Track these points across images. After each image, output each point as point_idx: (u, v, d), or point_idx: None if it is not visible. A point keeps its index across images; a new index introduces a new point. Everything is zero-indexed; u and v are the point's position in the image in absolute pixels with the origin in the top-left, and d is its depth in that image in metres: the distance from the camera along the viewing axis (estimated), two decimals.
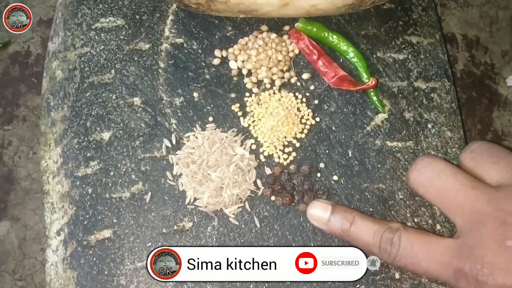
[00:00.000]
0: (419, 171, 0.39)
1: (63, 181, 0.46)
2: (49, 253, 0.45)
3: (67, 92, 0.48)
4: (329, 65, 0.50)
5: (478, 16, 0.64)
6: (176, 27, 0.51)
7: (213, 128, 0.48)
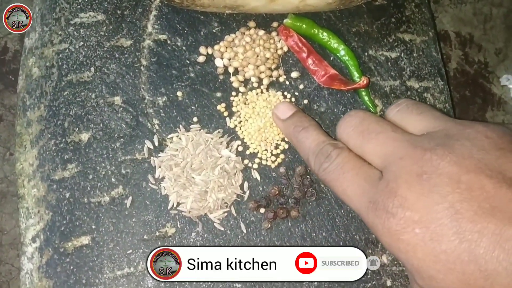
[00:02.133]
0: (345, 119, 0.39)
1: (39, 184, 0.44)
2: (24, 260, 0.43)
3: (44, 91, 0.46)
4: (319, 63, 0.48)
5: (472, 13, 0.62)
6: (160, 23, 0.48)
7: (197, 129, 0.46)
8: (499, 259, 0.27)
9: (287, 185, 0.46)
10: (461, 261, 0.28)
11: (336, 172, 0.37)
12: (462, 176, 0.29)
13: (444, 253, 0.28)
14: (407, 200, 0.30)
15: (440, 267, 0.29)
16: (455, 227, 0.28)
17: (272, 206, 0.45)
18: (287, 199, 0.45)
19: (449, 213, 0.28)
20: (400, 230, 0.30)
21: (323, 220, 0.45)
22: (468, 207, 0.28)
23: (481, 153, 0.30)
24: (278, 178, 0.46)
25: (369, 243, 0.45)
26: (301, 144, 0.41)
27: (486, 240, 0.27)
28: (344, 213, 0.45)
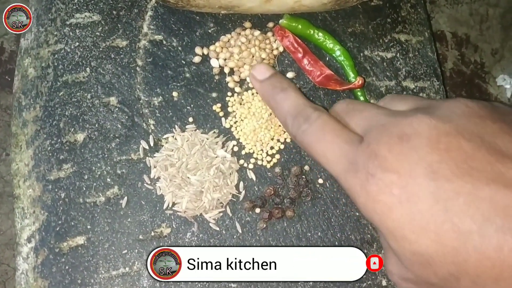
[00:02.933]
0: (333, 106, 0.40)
1: (34, 185, 0.44)
2: (19, 261, 0.43)
3: (40, 91, 0.46)
4: (315, 63, 0.48)
5: (468, 13, 0.62)
6: (155, 23, 0.48)
7: (193, 129, 0.46)
8: (474, 218, 0.27)
9: (283, 185, 0.46)
10: (435, 221, 0.28)
11: (316, 134, 0.36)
12: (441, 138, 0.29)
13: (419, 213, 0.28)
14: (387, 161, 0.30)
15: (414, 227, 0.29)
16: (431, 187, 0.28)
17: (268, 206, 0.45)
18: (283, 199, 0.45)
19: (426, 172, 0.29)
20: (377, 190, 0.30)
21: (318, 220, 0.45)
22: (446, 167, 0.28)
23: (461, 119, 0.31)
24: (274, 178, 0.46)
25: (365, 243, 0.45)
26: (279, 106, 0.41)
27: (462, 199, 0.27)
28: (339, 213, 0.45)
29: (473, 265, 0.27)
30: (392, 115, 0.33)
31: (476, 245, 0.27)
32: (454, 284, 0.29)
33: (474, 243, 0.27)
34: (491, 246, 0.26)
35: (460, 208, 0.27)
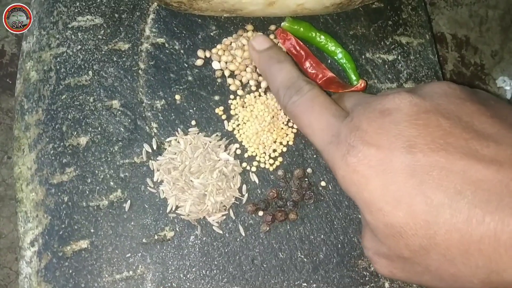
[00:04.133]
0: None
1: (37, 188, 0.44)
2: (22, 264, 0.43)
3: (42, 95, 0.46)
4: (317, 66, 0.48)
5: (468, 15, 0.62)
6: (157, 26, 0.48)
7: (195, 132, 0.46)
8: (446, 191, 0.28)
9: (286, 188, 0.46)
10: (409, 193, 0.29)
11: (305, 105, 0.37)
12: (420, 114, 0.30)
13: (395, 185, 0.29)
14: (367, 134, 0.31)
15: (388, 198, 0.29)
16: (408, 160, 0.29)
17: (271, 209, 0.45)
18: (286, 202, 0.45)
19: (404, 146, 0.30)
20: (356, 162, 0.31)
21: (321, 222, 0.45)
22: (423, 142, 0.29)
23: (441, 98, 0.32)
24: (277, 181, 0.46)
25: None
26: (273, 77, 0.42)
27: (435, 173, 0.28)
28: (342, 215, 0.45)
29: (442, 237, 0.28)
30: (378, 95, 0.35)
31: (446, 218, 0.27)
32: (424, 257, 0.29)
33: (445, 216, 0.28)
34: (461, 218, 0.27)
35: (433, 181, 0.28)
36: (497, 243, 0.26)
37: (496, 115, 0.31)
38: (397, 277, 0.34)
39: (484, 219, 0.26)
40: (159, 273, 0.43)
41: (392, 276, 0.34)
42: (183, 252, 0.43)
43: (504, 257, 0.26)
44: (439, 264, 0.29)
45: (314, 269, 0.44)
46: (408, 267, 0.32)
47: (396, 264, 0.32)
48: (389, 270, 0.33)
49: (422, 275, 0.31)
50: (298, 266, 0.44)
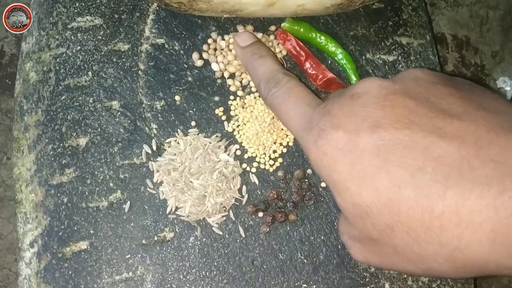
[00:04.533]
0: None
1: (36, 189, 0.44)
2: (22, 266, 0.43)
3: (42, 95, 0.46)
4: (317, 67, 0.48)
5: (468, 16, 0.62)
6: (157, 27, 0.48)
7: (195, 133, 0.46)
8: (408, 168, 0.28)
9: (286, 189, 0.46)
10: (373, 172, 0.29)
11: (283, 97, 0.38)
12: (388, 96, 0.31)
13: (360, 164, 0.29)
14: (337, 117, 0.32)
15: (354, 178, 0.30)
16: (373, 139, 0.29)
17: (271, 210, 0.45)
18: (286, 203, 0.45)
19: (370, 126, 0.30)
20: (325, 144, 0.31)
21: (321, 223, 0.45)
22: (388, 122, 0.30)
23: (412, 82, 0.32)
24: (276, 182, 0.46)
25: None
26: (255, 71, 0.43)
27: (398, 151, 0.28)
28: None
29: (406, 214, 0.28)
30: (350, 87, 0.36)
31: (409, 194, 0.27)
32: (390, 236, 0.29)
33: (407, 193, 0.28)
34: (422, 194, 0.27)
35: (396, 159, 0.28)
36: (458, 218, 0.26)
37: (467, 96, 0.31)
38: (371, 263, 0.33)
39: (445, 194, 0.26)
40: (158, 274, 0.43)
41: (367, 261, 0.34)
42: (183, 253, 0.43)
43: (465, 233, 0.26)
44: (404, 243, 0.29)
45: (314, 270, 0.44)
46: (378, 250, 0.32)
47: (368, 247, 0.32)
48: (363, 255, 0.33)
49: (391, 258, 0.31)
50: (298, 267, 0.44)
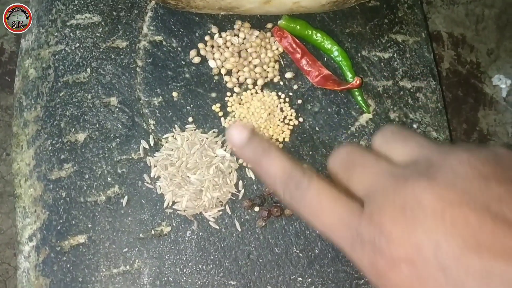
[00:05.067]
0: (333, 155, 0.38)
1: (35, 184, 0.44)
2: (21, 259, 0.43)
3: (41, 92, 0.46)
4: (313, 64, 0.49)
5: (464, 14, 0.63)
6: (155, 24, 0.49)
7: (192, 129, 0.46)
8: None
9: None
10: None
11: (311, 204, 0.34)
12: (446, 210, 0.29)
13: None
14: (392, 235, 0.30)
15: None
16: (440, 265, 0.28)
17: (267, 205, 0.45)
18: None
19: (434, 250, 0.28)
20: (387, 269, 0.30)
21: None
22: (453, 244, 0.28)
23: (465, 183, 0.30)
24: None
25: None
26: (265, 172, 0.37)
27: (471, 278, 0.28)
28: None
29: None
30: (392, 176, 0.32)
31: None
32: None
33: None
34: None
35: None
36: None
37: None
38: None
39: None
40: (155, 268, 0.43)
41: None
42: (180, 247, 0.44)
43: None
44: None
45: (309, 264, 0.45)
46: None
47: None
48: None
49: None
50: (294, 261, 0.45)
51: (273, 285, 0.44)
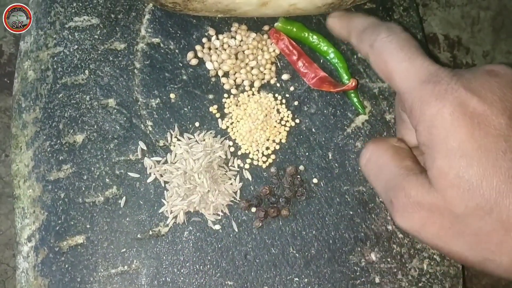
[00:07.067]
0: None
1: (34, 185, 0.45)
2: (19, 259, 0.44)
3: (39, 93, 0.47)
4: (309, 65, 0.49)
5: (460, 16, 0.63)
6: (153, 27, 0.49)
7: (190, 131, 0.47)
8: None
9: (278, 184, 0.47)
10: (496, 155, 0.29)
11: (399, 43, 0.36)
12: None
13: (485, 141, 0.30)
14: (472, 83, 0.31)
15: (474, 152, 0.30)
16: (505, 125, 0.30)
17: (263, 205, 0.46)
18: (278, 198, 0.46)
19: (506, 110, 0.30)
20: (455, 104, 0.31)
21: (313, 219, 0.46)
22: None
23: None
24: (269, 178, 0.47)
25: (358, 241, 0.46)
26: (358, 24, 0.42)
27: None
28: (333, 212, 0.46)
29: (508, 204, 0.28)
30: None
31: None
32: (479, 218, 0.29)
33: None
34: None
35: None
36: None
37: None
38: (426, 231, 0.33)
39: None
40: (153, 268, 0.44)
41: (419, 229, 0.33)
42: (177, 247, 0.44)
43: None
44: (491, 229, 0.29)
45: (306, 264, 0.45)
46: (449, 224, 0.31)
47: (436, 218, 0.32)
48: (422, 222, 0.32)
49: (459, 237, 0.31)
50: (290, 261, 0.45)
51: (270, 285, 0.44)
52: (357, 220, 0.46)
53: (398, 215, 0.34)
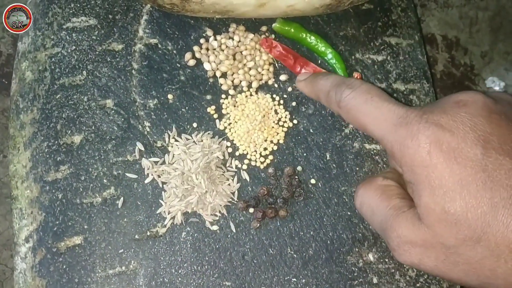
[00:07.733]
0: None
1: (32, 186, 0.45)
2: (17, 260, 0.44)
3: (37, 94, 0.47)
4: (307, 67, 0.49)
5: (458, 17, 0.63)
6: (151, 27, 0.49)
7: (188, 131, 0.47)
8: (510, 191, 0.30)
9: (276, 185, 0.47)
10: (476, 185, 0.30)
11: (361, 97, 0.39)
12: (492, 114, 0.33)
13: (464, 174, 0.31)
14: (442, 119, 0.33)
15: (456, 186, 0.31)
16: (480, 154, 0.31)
17: (261, 206, 0.46)
18: (276, 199, 0.46)
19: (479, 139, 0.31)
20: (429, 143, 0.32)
21: (310, 219, 0.46)
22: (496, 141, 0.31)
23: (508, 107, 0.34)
24: (267, 179, 0.47)
25: (356, 242, 0.46)
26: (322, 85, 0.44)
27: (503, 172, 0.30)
28: (331, 212, 0.46)
29: (495, 233, 0.29)
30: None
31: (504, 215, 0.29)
32: (469, 248, 0.31)
33: (503, 214, 0.29)
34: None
35: (500, 180, 0.30)
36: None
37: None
38: (424, 265, 0.34)
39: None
40: (151, 269, 0.44)
41: (418, 264, 0.34)
42: (175, 248, 0.44)
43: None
44: (482, 257, 0.30)
45: (303, 265, 0.45)
46: (443, 256, 0.32)
47: (430, 253, 0.33)
48: (419, 258, 0.34)
49: (455, 266, 0.32)
50: (288, 262, 0.45)
51: (267, 286, 0.44)
52: (355, 220, 0.46)
53: (396, 254, 0.36)
